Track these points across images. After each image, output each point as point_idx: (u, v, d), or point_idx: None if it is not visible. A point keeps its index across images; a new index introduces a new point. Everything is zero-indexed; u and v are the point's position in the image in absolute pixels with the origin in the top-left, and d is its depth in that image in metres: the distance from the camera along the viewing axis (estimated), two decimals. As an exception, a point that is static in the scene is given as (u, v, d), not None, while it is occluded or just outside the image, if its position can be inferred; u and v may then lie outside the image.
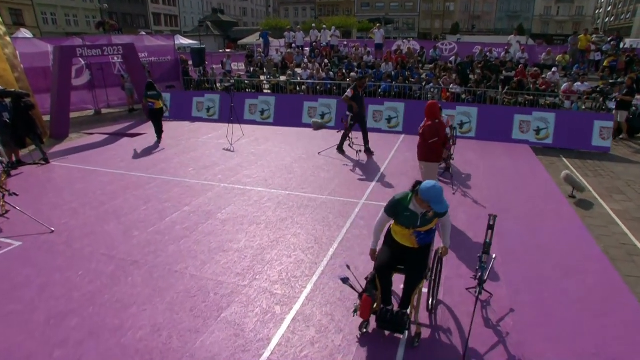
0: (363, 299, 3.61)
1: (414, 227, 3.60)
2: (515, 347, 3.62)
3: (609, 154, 10.54)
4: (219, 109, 13.80)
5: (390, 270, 3.71)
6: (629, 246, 5.87)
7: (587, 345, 3.66)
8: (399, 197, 3.65)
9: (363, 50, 20.01)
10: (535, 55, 18.69)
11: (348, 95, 9.17)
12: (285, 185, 7.55)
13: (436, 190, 3.36)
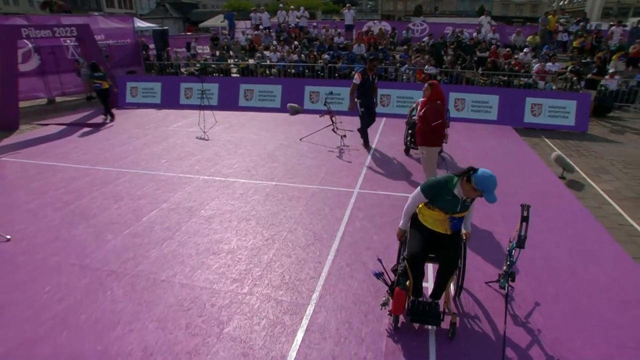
0: (396, 292, 3.29)
1: (453, 212, 3.29)
2: (551, 345, 3.32)
3: (587, 133, 10.60)
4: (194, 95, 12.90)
5: (423, 260, 3.37)
6: (627, 227, 5.76)
7: (625, 338, 3.42)
8: (443, 179, 3.29)
9: (334, 32, 19.36)
10: (505, 36, 18.72)
11: (355, 82, 7.98)
12: (270, 175, 6.99)
13: (494, 179, 3.07)
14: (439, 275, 3.41)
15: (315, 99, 12.31)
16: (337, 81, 13.48)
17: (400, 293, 3.28)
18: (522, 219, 3.36)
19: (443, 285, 3.41)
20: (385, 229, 5.16)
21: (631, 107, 13.07)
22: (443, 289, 3.44)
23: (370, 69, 8.03)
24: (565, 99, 10.85)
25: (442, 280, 3.39)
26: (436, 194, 3.30)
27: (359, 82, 7.92)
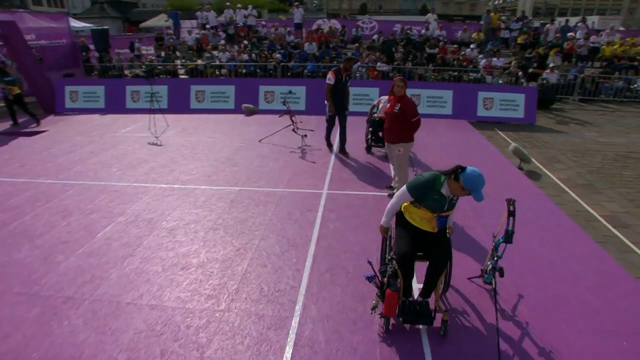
0: (387, 294, 3.17)
1: (440, 211, 3.22)
2: (540, 336, 3.33)
3: (535, 125, 11.12)
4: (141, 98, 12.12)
5: (413, 259, 3.28)
6: (585, 213, 6.03)
7: (605, 322, 3.51)
8: (430, 178, 3.19)
9: (283, 30, 19.10)
10: (452, 33, 19.35)
11: (329, 83, 7.34)
12: (233, 180, 6.65)
13: (482, 179, 3.01)
14: (430, 273, 3.32)
15: (270, 98, 12.01)
16: (292, 80, 13.22)
17: (392, 295, 3.17)
18: (508, 213, 3.33)
19: (434, 283, 3.33)
20: (360, 230, 5.04)
21: (570, 99, 13.90)
22: (433, 287, 3.36)
23: (346, 69, 7.55)
24: (514, 93, 11.32)
25: (432, 278, 3.31)
26: (423, 193, 3.21)
27: (333, 83, 7.40)
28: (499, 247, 3.54)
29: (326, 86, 7.37)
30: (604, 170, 7.82)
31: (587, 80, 13.91)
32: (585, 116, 12.30)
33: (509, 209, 3.33)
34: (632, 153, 8.89)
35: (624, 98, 14.01)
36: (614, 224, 5.77)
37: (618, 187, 7.05)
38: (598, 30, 18.29)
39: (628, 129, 10.91)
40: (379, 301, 3.42)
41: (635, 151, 9.02)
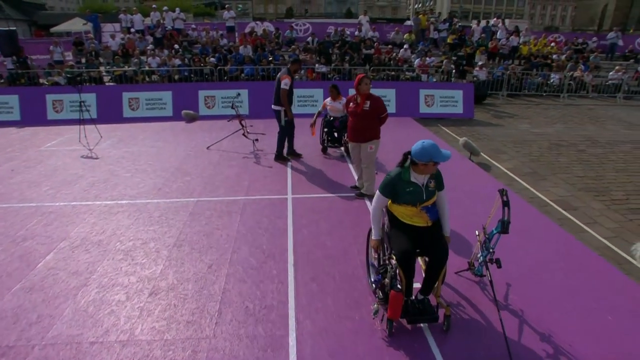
0: (392, 296, 3.03)
1: (421, 202, 3.16)
2: (538, 323, 3.35)
3: (474, 119, 11.69)
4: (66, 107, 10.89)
5: (414, 257, 3.14)
6: (537, 199, 6.36)
7: (587, 301, 3.64)
8: (396, 173, 3.18)
9: (215, 34, 18.42)
10: (384, 34, 19.88)
11: (286, 87, 6.79)
12: (187, 190, 6.13)
13: (431, 144, 3.03)
14: (430, 269, 3.21)
15: (211, 103, 11.44)
16: (232, 84, 12.71)
17: (397, 296, 3.02)
18: (503, 204, 3.31)
19: (434, 279, 3.22)
20: (336, 234, 4.83)
21: (499, 95, 14.85)
22: (434, 283, 3.25)
23: (295, 70, 7.24)
24: (452, 89, 11.81)
25: (433, 273, 3.20)
26: (395, 190, 3.18)
27: (289, 87, 6.88)
28: (492, 239, 3.51)
29: (282, 92, 6.75)
30: (543, 159, 8.35)
31: (512, 77, 14.94)
32: (514, 109, 13.19)
33: (503, 199, 3.31)
34: (562, 141, 9.62)
35: (544, 92, 15.26)
36: (564, 207, 6.14)
37: (558, 173, 7.55)
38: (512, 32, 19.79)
39: (553, 120, 11.85)
40: (379, 305, 3.24)
41: (564, 139, 9.78)
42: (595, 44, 18.32)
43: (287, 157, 7.50)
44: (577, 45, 18.07)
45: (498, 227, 3.39)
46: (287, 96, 6.83)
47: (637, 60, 17.46)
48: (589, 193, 6.67)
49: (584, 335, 3.23)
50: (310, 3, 72.33)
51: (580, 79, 14.94)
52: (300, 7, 70.64)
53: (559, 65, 16.01)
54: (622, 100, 14.86)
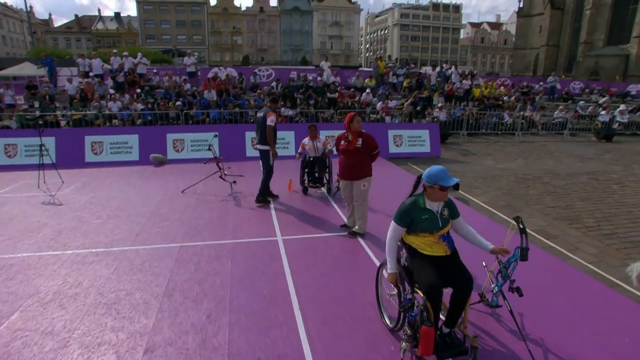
0: (423, 331, 2.86)
1: (437, 230, 3.13)
2: (559, 348, 3.27)
3: (441, 157, 12.09)
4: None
5: (442, 288, 3.03)
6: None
7: (598, 323, 3.63)
8: (411, 201, 3.19)
9: (179, 79, 18.31)
10: (344, 79, 20.59)
11: (272, 124, 6.71)
12: (168, 236, 5.73)
13: (439, 168, 3.10)
14: (455, 300, 3.10)
15: (180, 147, 11.12)
16: (202, 127, 12.51)
17: (429, 330, 2.86)
18: (520, 231, 3.30)
19: (460, 310, 3.12)
20: (337, 274, 4.64)
21: (460, 134, 15.57)
22: (459, 314, 3.14)
23: (276, 108, 7.20)
24: (419, 129, 12.23)
25: (459, 305, 3.10)
26: (411, 218, 3.16)
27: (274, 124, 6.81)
28: (509, 267, 3.46)
29: (268, 129, 6.69)
30: (514, 192, 8.67)
31: (470, 117, 15.79)
32: (476, 147, 13.83)
33: (520, 227, 3.30)
34: (527, 175, 10.10)
35: (499, 131, 16.19)
36: (545, 236, 6.32)
37: (531, 204, 7.83)
38: (465, 75, 21.20)
39: (514, 156, 12.50)
40: (407, 344, 3.05)
41: (529, 173, 10.28)
42: (540, 87, 19.94)
43: (268, 199, 7.28)
44: (523, 88, 19.59)
45: (516, 255, 3.35)
46: (272, 133, 6.74)
47: (574, 101, 19.11)
48: (563, 222, 6.93)
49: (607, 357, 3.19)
50: (266, 52, 74.36)
51: (530, 118, 16.05)
52: (256, 55, 72.37)
53: (509, 106, 17.16)
54: (568, 136, 16.05)
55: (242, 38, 74.49)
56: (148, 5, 68.90)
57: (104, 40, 66.49)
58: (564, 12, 51.18)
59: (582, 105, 18.10)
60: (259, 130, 6.88)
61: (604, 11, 46.36)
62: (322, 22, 76.20)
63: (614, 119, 16.81)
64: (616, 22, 45.81)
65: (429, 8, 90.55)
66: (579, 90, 22.21)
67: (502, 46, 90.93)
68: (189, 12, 70.80)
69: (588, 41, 46.97)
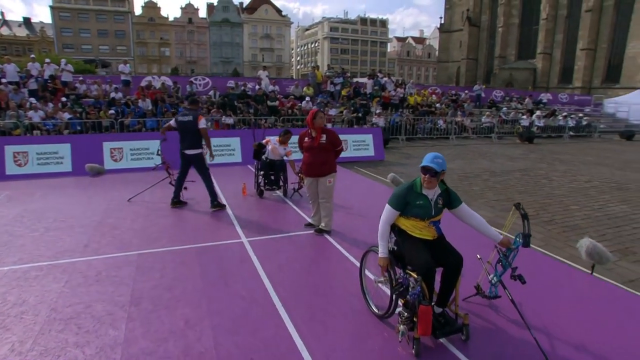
0: (421, 311, 2.88)
1: (429, 217, 3.18)
2: (564, 337, 3.44)
3: (385, 160, 12.46)
4: None
5: (435, 268, 3.09)
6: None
7: (576, 311, 3.89)
8: (408, 184, 3.23)
9: (109, 87, 17.17)
10: (282, 88, 20.60)
11: (206, 127, 6.69)
12: (122, 244, 5.27)
13: (434, 154, 3.16)
14: (446, 279, 3.19)
15: (118, 156, 10.37)
16: (142, 134, 11.79)
17: (427, 309, 2.90)
18: (523, 217, 3.42)
19: (451, 289, 3.21)
20: (313, 270, 4.56)
21: (399, 139, 16.20)
22: (450, 293, 3.23)
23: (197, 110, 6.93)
24: (363, 134, 12.54)
25: (449, 284, 3.19)
26: (406, 201, 3.19)
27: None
28: (510, 255, 3.51)
29: (203, 131, 6.59)
30: (459, 188, 9.13)
31: (407, 122, 16.51)
32: (415, 151, 14.46)
33: (521, 213, 3.42)
34: (468, 174, 10.72)
35: (434, 135, 17.11)
36: (496, 225, 6.63)
37: (477, 199, 8.30)
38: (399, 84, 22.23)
39: (452, 157, 13.23)
40: (405, 326, 3.06)
41: (468, 172, 10.92)
42: (466, 95, 21.46)
43: (223, 204, 6.98)
44: (452, 96, 20.95)
45: (517, 242, 3.41)
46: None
47: (497, 108, 20.83)
48: (508, 212, 7.38)
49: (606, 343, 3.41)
50: (196, 64, 72.44)
51: (462, 123, 17.17)
52: (185, 67, 70.19)
53: (441, 113, 18.23)
54: (496, 139, 17.41)
55: (170, 50, 72.01)
56: (64, 12, 64.25)
57: (11, 48, 60.57)
58: (480, 29, 55.91)
59: (505, 112, 19.82)
60: (186, 135, 6.56)
61: (513, 29, 51.43)
62: (252, 35, 76.02)
63: (533, 123, 18.62)
64: (524, 39, 51.02)
65: (357, 22, 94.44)
66: (500, 98, 24.32)
67: (427, 59, 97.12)
68: (111, 22, 67.03)
69: (502, 55, 51.73)
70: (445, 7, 63.27)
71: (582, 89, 41.60)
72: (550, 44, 47.83)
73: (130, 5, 68.73)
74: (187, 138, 6.56)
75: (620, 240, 5.91)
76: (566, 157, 13.91)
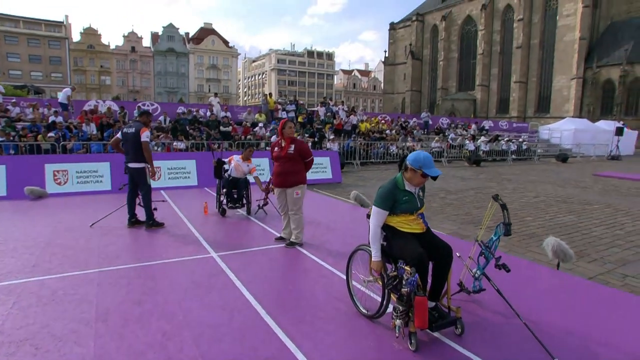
0: (417, 302, 2.88)
1: (416, 209, 3.26)
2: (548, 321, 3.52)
3: (343, 183, 12.60)
4: None
5: (428, 258, 3.10)
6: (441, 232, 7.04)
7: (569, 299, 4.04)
8: (391, 182, 3.27)
9: (47, 111, 16.15)
10: (234, 115, 20.46)
11: (148, 140, 6.25)
12: (78, 263, 4.79)
13: (426, 155, 3.21)
14: (437, 272, 3.22)
15: (63, 179, 9.62)
16: (91, 156, 11.09)
17: (423, 300, 2.91)
18: (502, 207, 3.52)
19: (442, 282, 3.23)
20: (292, 279, 4.44)
21: (354, 163, 16.52)
22: (442, 286, 3.25)
23: (147, 123, 6.38)
24: (321, 157, 12.62)
25: (441, 276, 3.22)
26: (394, 200, 3.22)
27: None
28: (492, 246, 3.59)
29: (144, 145, 6.16)
30: (419, 205, 9.39)
31: (361, 148, 16.93)
32: (371, 174, 14.79)
33: (500, 203, 3.53)
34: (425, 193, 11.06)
35: (387, 160, 17.65)
36: (460, 237, 6.92)
37: (439, 214, 8.57)
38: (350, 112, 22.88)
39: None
40: (401, 320, 3.02)
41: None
42: (414, 122, 22.52)
43: (161, 223, 6.58)
44: (402, 123, 21.87)
45: (498, 232, 3.51)
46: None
47: (444, 134, 22.01)
48: (469, 225, 7.70)
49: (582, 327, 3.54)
50: (139, 93, 70.40)
51: (413, 148, 17.88)
52: (127, 97, 67.78)
53: (392, 138, 18.91)
54: (446, 163, 18.27)
55: (111, 78, 69.57)
56: (-12, 35, 60.33)
57: None
58: (422, 62, 59.69)
59: (452, 137, 21.01)
60: (130, 148, 6.25)
61: (453, 63, 55.51)
62: (199, 65, 75.53)
63: (479, 147, 19.88)
64: (463, 72, 55.17)
65: (304, 55, 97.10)
66: (446, 125, 25.80)
67: (372, 91, 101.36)
68: (45, 47, 63.61)
69: (444, 87, 55.48)
70: (389, 41, 67.17)
71: (518, 118, 45.51)
72: (488, 77, 52.16)
73: (67, 31, 65.96)
74: (131, 150, 6.25)
75: (574, 244, 6.29)
76: (512, 177, 14.86)
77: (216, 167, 7.75)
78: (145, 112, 6.64)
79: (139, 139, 6.15)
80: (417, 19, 60.99)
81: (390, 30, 67.85)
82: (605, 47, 44.24)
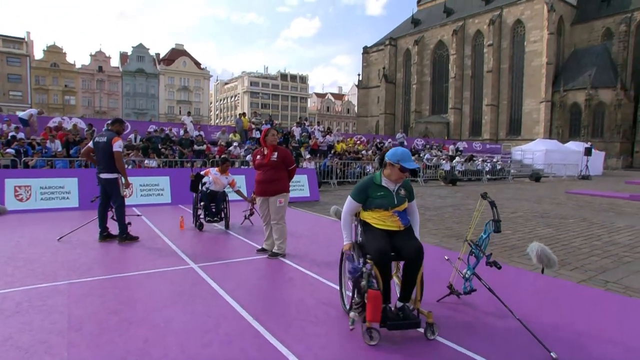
0: (369, 295, 2.84)
1: (392, 206, 3.21)
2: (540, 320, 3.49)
3: (320, 201, 12.52)
4: None
5: (390, 255, 3.09)
6: (427, 245, 7.04)
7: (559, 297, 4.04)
8: (368, 178, 3.34)
9: (6, 127, 15.45)
10: (208, 134, 20.22)
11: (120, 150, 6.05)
12: (45, 276, 4.44)
13: (404, 150, 3.26)
14: (407, 271, 3.15)
15: (25, 195, 9.09)
16: (57, 171, 10.58)
17: (376, 294, 2.86)
18: (491, 204, 3.52)
19: (412, 282, 3.13)
20: (279, 287, 4.30)
21: (331, 182, 16.52)
22: (412, 286, 3.15)
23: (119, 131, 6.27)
24: (298, 174, 12.52)
25: (410, 276, 3.13)
26: (367, 194, 3.26)
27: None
28: (482, 244, 3.57)
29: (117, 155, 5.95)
30: (397, 220, 9.41)
31: (337, 167, 16.99)
32: (348, 192, 14.59)
33: (489, 201, 3.53)
34: (401, 209, 11.13)
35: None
36: (445, 248, 6.96)
37: (420, 228, 8.57)
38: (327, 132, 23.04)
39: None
40: (355, 311, 3.03)
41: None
42: (389, 143, 22.89)
43: (135, 237, 6.27)
44: (378, 144, 22.18)
45: (487, 230, 3.50)
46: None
47: (419, 155, 22.46)
48: (452, 238, 7.76)
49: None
50: (106, 114, 68.49)
51: (387, 168, 18.12)
52: (94, 117, 66.16)
53: (368, 158, 19.10)
54: (423, 183, 18.57)
55: (76, 98, 67.58)
56: None
57: None
58: (396, 86, 61.27)
59: (428, 158, 21.46)
60: (102, 158, 6.00)
61: (426, 86, 57.25)
62: (169, 86, 74.62)
63: (455, 167, 20.37)
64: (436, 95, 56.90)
65: (277, 77, 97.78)
66: (421, 146, 26.40)
67: (346, 114, 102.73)
68: (3, 64, 61.06)
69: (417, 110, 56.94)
70: (362, 65, 68.82)
71: (491, 140, 46.98)
72: (460, 100, 54.01)
73: (28, 48, 63.94)
74: (103, 160, 5.99)
75: (555, 255, 6.39)
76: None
77: (193, 181, 7.55)
78: (117, 120, 6.45)
79: (111, 149, 5.91)
80: (390, 44, 62.92)
81: (364, 54, 69.72)
82: (571, 72, 46.85)
